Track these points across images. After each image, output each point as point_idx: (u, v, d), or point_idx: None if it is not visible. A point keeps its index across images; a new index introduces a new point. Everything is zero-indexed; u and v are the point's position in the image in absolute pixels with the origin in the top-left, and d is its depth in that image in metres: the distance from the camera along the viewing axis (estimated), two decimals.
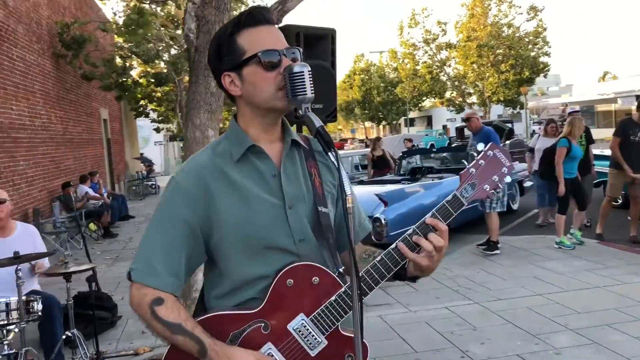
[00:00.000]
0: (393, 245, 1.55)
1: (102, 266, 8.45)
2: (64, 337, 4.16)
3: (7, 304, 3.83)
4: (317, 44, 3.51)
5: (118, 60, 15.71)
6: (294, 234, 1.55)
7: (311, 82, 1.46)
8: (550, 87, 65.42)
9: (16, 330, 3.82)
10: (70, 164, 13.10)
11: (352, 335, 1.52)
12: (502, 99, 37.45)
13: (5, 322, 3.81)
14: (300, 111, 1.47)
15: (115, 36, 15.18)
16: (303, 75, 1.44)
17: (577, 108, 10.84)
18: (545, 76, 38.94)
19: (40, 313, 3.99)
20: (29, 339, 4.55)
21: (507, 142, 17.22)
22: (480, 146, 1.64)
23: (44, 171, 11.03)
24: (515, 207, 11.12)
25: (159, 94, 18.17)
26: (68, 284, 4.14)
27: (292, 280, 1.51)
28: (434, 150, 12.20)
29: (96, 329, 4.55)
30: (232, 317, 1.52)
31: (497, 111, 43.23)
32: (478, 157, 1.62)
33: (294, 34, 3.37)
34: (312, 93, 1.46)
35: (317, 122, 1.44)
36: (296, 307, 1.52)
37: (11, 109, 9.49)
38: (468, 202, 1.57)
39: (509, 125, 19.67)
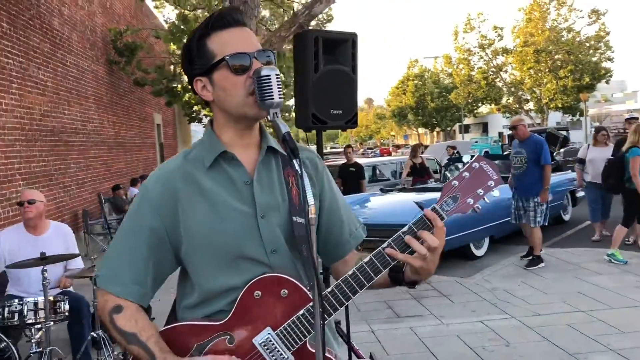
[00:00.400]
0: (375, 252, 1.47)
1: None
2: (89, 337, 4.23)
3: (35, 304, 3.93)
4: (338, 48, 3.44)
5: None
6: (265, 244, 1.48)
7: (279, 86, 1.40)
8: (615, 94, 62.90)
9: (43, 329, 3.91)
10: (121, 167, 13.50)
11: (325, 354, 1.45)
12: (560, 105, 36.21)
13: (33, 321, 3.91)
14: (269, 116, 1.41)
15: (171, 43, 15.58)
16: (270, 78, 1.38)
17: (636, 115, 10.31)
18: (607, 82, 37.37)
19: (67, 313, 4.08)
20: (60, 338, 4.68)
21: (562, 150, 16.62)
22: (466, 158, 1.54)
23: (94, 174, 11.40)
24: (566, 218, 10.67)
25: None
26: (94, 286, 4.21)
27: (259, 292, 1.45)
28: None
29: None
30: (197, 328, 1.47)
31: (555, 118, 41.84)
32: (462, 169, 1.52)
33: (312, 39, 3.32)
34: (279, 98, 1.39)
35: (284, 128, 1.37)
36: (263, 320, 1.45)
37: (63, 113, 9.86)
38: (449, 216, 1.48)
39: (564, 133, 18.98)
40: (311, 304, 1.44)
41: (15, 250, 4.30)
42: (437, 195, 6.46)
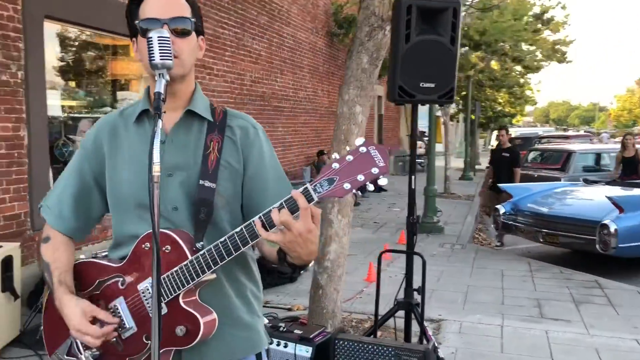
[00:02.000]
0: (247, 222, 1.46)
1: None
2: None
3: None
4: (435, 17, 3.22)
5: None
6: (167, 201, 1.58)
7: (163, 48, 1.44)
8: None
9: None
10: (332, 134, 14.26)
11: (194, 312, 1.51)
12: None
13: None
14: (155, 77, 1.47)
15: None
16: (152, 41, 1.44)
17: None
18: None
19: None
20: None
21: None
22: (359, 141, 1.40)
23: (302, 138, 12.29)
24: None
25: None
26: None
27: (148, 245, 1.56)
28: None
29: None
30: (102, 266, 1.65)
31: None
32: (347, 152, 1.39)
33: (406, 7, 3.17)
34: (161, 59, 1.44)
35: (158, 87, 1.43)
36: (148, 270, 1.56)
37: (275, 80, 10.79)
38: (320, 198, 1.39)
39: None
40: (185, 262, 1.50)
41: None
42: (636, 192, 5.76)
